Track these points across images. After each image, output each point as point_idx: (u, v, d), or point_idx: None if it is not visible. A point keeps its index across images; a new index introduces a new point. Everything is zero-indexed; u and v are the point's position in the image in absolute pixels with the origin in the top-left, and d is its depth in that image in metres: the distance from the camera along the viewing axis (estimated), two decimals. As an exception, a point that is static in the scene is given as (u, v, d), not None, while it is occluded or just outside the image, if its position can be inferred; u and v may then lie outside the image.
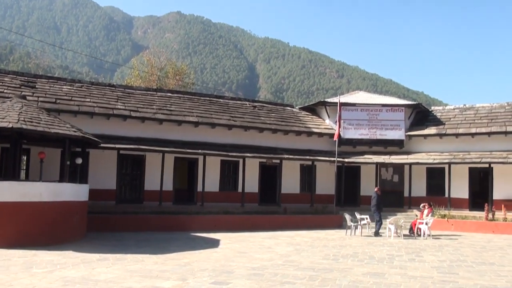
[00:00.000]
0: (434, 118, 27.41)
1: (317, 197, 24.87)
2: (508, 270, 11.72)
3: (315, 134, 25.75)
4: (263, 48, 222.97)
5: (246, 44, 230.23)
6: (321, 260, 12.54)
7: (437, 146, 25.89)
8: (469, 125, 25.57)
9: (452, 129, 25.67)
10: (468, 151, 25.08)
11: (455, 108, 28.54)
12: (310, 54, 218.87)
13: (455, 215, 22.65)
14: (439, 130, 25.87)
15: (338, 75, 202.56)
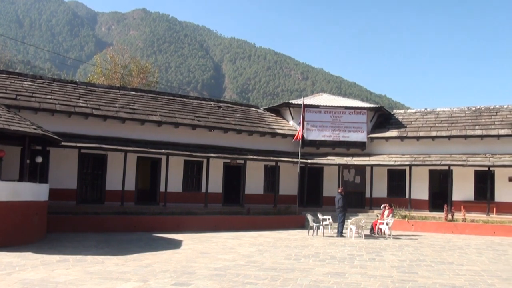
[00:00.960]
0: (395, 121, 28.00)
1: (280, 198, 25.05)
2: (467, 269, 12.06)
3: (279, 135, 25.92)
4: (229, 48, 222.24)
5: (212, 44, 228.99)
6: (283, 260, 12.64)
7: (399, 149, 26.45)
8: (429, 129, 26.23)
9: (413, 132, 26.29)
10: (428, 153, 25.70)
11: (416, 112, 29.23)
12: (276, 55, 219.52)
13: (415, 216, 23.15)
14: (401, 133, 26.45)
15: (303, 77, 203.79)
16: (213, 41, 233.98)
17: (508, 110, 26.68)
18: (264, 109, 29.88)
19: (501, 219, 22.34)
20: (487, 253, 15.38)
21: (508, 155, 24.00)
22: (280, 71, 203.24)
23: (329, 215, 20.86)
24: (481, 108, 27.65)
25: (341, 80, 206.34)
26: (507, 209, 23.81)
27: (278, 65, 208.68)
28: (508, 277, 11.06)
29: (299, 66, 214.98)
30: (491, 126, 25.24)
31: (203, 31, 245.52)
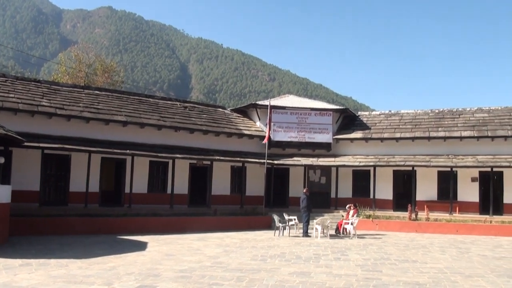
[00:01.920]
0: (360, 122, 28.40)
1: (247, 199, 25.07)
2: (430, 267, 12.30)
3: (246, 136, 25.95)
4: (196, 48, 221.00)
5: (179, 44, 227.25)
6: (249, 261, 12.65)
7: (363, 150, 26.84)
8: (394, 130, 26.72)
9: (378, 133, 26.73)
10: (392, 154, 26.17)
11: (381, 114, 29.74)
12: (243, 56, 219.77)
13: (379, 215, 23.51)
14: (365, 134, 26.84)
15: (270, 79, 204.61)
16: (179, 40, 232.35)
17: (470, 113, 27.43)
18: (231, 110, 29.85)
19: (464, 218, 22.93)
20: (450, 251, 15.73)
21: (471, 156, 24.68)
22: (248, 72, 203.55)
23: (295, 215, 20.97)
24: (445, 110, 28.36)
25: (308, 82, 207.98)
26: (470, 208, 24.52)
27: (246, 66, 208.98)
28: (470, 274, 11.33)
29: (266, 68, 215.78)
30: (454, 128, 25.90)
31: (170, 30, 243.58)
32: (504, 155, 24.38)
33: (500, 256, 14.85)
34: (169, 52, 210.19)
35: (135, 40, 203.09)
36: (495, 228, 21.50)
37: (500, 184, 24.79)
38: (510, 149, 24.51)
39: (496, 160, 24.00)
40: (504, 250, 16.30)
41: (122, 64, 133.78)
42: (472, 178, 25.17)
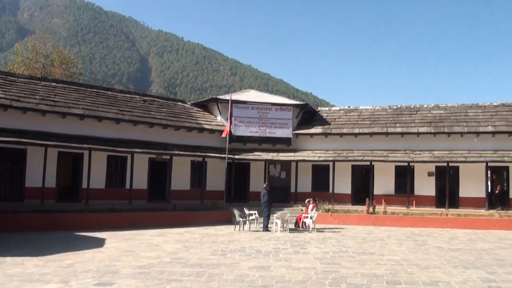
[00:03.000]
0: (320, 118, 28.68)
1: (207, 193, 24.95)
2: (388, 259, 12.56)
3: (206, 130, 25.80)
4: (157, 41, 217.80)
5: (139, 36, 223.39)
6: (209, 256, 12.59)
7: (323, 145, 27.12)
8: (353, 126, 27.11)
9: (337, 129, 27.05)
10: (351, 149, 26.56)
11: (340, 110, 30.11)
12: (205, 50, 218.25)
13: (338, 209, 23.80)
14: (325, 130, 27.11)
15: (231, 73, 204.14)
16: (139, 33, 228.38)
17: (427, 110, 28.13)
18: (192, 104, 29.58)
19: (421, 211, 23.53)
20: (407, 244, 16.07)
21: (427, 152, 25.31)
22: (209, 66, 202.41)
23: (256, 210, 21.00)
24: (402, 107, 28.98)
25: (269, 77, 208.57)
26: (426, 202, 25.18)
27: (207, 60, 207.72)
28: (427, 266, 11.60)
29: (227, 62, 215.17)
30: (411, 124, 26.49)
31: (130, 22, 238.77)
32: (459, 150, 25.13)
33: (456, 247, 15.26)
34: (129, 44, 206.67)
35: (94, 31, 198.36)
36: (451, 221, 22.11)
37: (456, 178, 25.54)
38: (465, 144, 25.27)
39: (452, 156, 24.68)
40: (459, 242, 16.77)
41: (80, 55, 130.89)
42: (428, 172, 25.84)
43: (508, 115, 26.32)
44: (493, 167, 24.72)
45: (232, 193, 25.29)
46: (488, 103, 28.16)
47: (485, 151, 24.75)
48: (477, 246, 15.68)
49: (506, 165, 24.63)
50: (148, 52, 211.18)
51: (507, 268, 11.51)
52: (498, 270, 11.19)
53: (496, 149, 24.84)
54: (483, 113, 26.99)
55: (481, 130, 25.10)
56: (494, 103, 28.05)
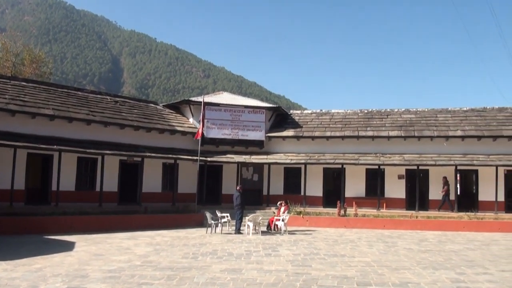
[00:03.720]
0: (292, 121, 28.83)
1: (179, 196, 24.78)
2: (358, 261, 12.68)
3: (178, 132, 25.63)
4: (129, 41, 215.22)
5: (111, 36, 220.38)
6: (180, 259, 12.51)
7: (295, 147, 27.27)
8: (324, 129, 27.33)
9: (309, 132, 27.22)
10: (323, 152, 26.78)
11: (312, 113, 30.33)
12: (178, 51, 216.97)
13: (310, 212, 23.91)
14: (297, 133, 27.25)
15: (204, 75, 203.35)
16: (112, 32, 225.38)
17: (398, 114, 28.59)
18: (164, 105, 29.32)
19: (391, 214, 23.84)
20: (377, 245, 16.25)
21: (397, 155, 25.72)
22: (182, 68, 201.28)
23: (228, 212, 20.94)
24: (373, 111, 29.38)
25: (242, 79, 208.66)
26: (396, 204, 25.55)
27: (180, 61, 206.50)
28: (397, 267, 11.76)
29: (200, 64, 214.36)
30: (382, 128, 26.85)
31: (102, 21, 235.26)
32: (429, 154, 25.62)
33: (425, 249, 15.51)
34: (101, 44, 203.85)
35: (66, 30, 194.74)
36: (421, 223, 22.43)
37: (425, 181, 25.99)
38: (435, 148, 25.80)
39: (422, 159, 25.11)
40: (429, 244, 17.03)
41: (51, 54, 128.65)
42: (399, 175, 26.21)
43: (477, 120, 26.95)
44: (462, 170, 25.21)
45: (204, 196, 25.13)
46: (458, 108, 28.76)
47: (455, 155, 25.28)
48: (447, 248, 15.95)
49: (475, 168, 25.17)
50: (120, 52, 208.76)
51: (475, 268, 11.75)
52: (467, 270, 11.42)
53: (465, 153, 25.41)
54: (453, 117, 27.55)
55: (451, 134, 25.61)
56: (463, 108, 28.66)
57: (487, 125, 26.18)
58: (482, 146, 25.44)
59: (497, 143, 25.32)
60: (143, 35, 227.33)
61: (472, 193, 26.12)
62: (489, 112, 28.06)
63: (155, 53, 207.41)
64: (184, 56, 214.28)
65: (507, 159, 24.38)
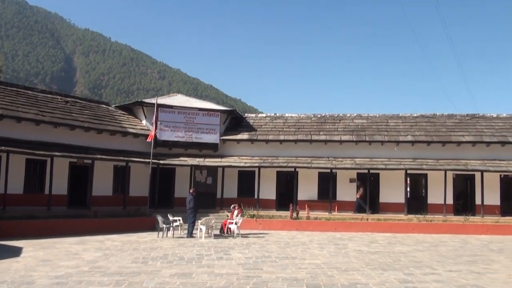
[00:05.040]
0: (247, 124, 28.93)
1: (130, 199, 24.39)
2: (309, 263, 12.83)
3: (130, 134, 25.23)
4: (83, 40, 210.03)
5: (64, 34, 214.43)
6: (130, 264, 12.31)
7: (249, 151, 27.36)
8: (278, 133, 27.54)
9: (263, 135, 27.38)
10: (276, 156, 26.98)
11: (266, 116, 30.55)
12: (133, 52, 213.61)
13: (263, 215, 23.98)
14: (251, 136, 27.35)
15: (159, 77, 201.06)
16: (65, 30, 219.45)
17: (350, 119, 29.17)
18: (116, 106, 28.76)
19: (342, 216, 24.21)
20: (328, 247, 16.50)
21: (349, 159, 26.20)
22: (136, 69, 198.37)
23: (181, 216, 20.77)
24: (326, 115, 29.86)
25: (198, 82, 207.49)
26: (347, 207, 26.03)
27: (135, 62, 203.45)
28: (346, 269, 11.97)
29: (156, 65, 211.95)
30: (335, 132, 27.31)
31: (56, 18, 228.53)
32: (380, 158, 26.27)
33: (375, 251, 15.86)
34: (54, 42, 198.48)
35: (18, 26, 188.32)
36: (371, 225, 22.90)
37: (376, 184, 26.65)
38: (385, 153, 26.51)
39: (373, 163, 25.65)
40: (379, 245, 17.43)
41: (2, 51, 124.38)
42: (350, 179, 26.72)
43: (427, 125, 27.84)
44: (412, 174, 25.94)
45: (156, 199, 24.83)
46: (408, 114, 29.61)
47: (405, 159, 26.00)
48: (396, 249, 16.36)
49: (424, 172, 25.97)
50: (74, 51, 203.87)
51: (423, 269, 12.12)
52: (415, 271, 11.77)
53: (415, 157, 26.18)
54: (403, 123, 28.33)
55: (401, 139, 26.32)
56: (414, 114, 29.54)
57: (437, 131, 27.07)
58: (432, 151, 26.30)
59: (446, 148, 26.21)
60: (97, 34, 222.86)
61: (422, 196, 26.97)
62: (439, 118, 29.04)
63: (109, 52, 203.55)
64: (139, 57, 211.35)
65: (455, 164, 25.29)
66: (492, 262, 13.73)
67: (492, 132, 26.73)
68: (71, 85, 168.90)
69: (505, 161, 25.55)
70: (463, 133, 26.62)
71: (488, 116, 29.15)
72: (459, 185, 26.79)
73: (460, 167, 25.00)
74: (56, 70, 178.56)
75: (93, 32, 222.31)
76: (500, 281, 10.77)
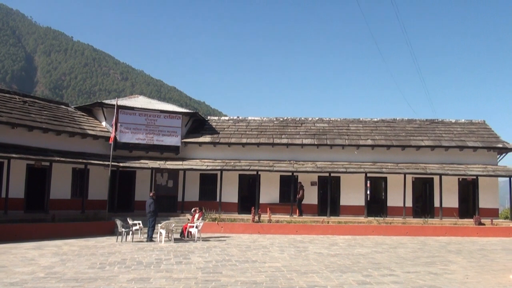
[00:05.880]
0: (210, 127, 28.82)
1: (89, 203, 23.96)
2: (269, 266, 12.90)
3: (90, 136, 24.74)
4: (44, 38, 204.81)
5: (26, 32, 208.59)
6: (87, 270, 12.09)
7: (211, 154, 27.28)
8: (241, 136, 27.55)
9: (226, 138, 27.33)
10: (239, 159, 26.98)
11: (229, 119, 30.50)
12: (95, 52, 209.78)
13: (224, 218, 23.88)
14: (214, 139, 27.26)
15: (122, 78, 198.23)
16: (26, 28, 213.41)
17: (312, 122, 29.45)
18: (75, 107, 28.05)
19: (303, 219, 24.39)
20: (288, 250, 16.60)
21: (310, 162, 26.44)
22: (99, 69, 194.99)
23: (140, 220, 20.53)
24: (288, 119, 30.04)
25: (162, 84, 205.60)
26: (309, 210, 26.33)
27: (97, 62, 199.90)
28: (306, 271, 12.08)
29: (119, 66, 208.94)
30: (296, 136, 27.51)
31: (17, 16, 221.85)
32: (341, 161, 26.62)
33: (335, 253, 16.06)
34: (14, 40, 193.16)
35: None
36: (332, 228, 23.12)
37: (337, 187, 26.98)
38: (346, 156, 26.92)
39: (334, 166, 25.93)
40: (339, 248, 17.65)
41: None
42: (311, 182, 26.94)
43: (387, 130, 28.39)
44: (372, 178, 26.39)
45: (116, 203, 24.42)
46: (369, 119, 30.12)
47: (365, 163, 26.41)
48: (355, 251, 16.61)
49: (384, 175, 26.44)
50: (35, 50, 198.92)
51: (382, 270, 12.35)
52: (373, 273, 11.99)
53: (375, 161, 26.64)
54: (364, 127, 28.79)
55: (362, 143, 26.72)
56: (374, 119, 30.06)
57: (396, 135, 27.62)
58: (391, 155, 26.84)
59: (405, 152, 26.80)
60: (59, 32, 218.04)
61: (381, 199, 27.45)
62: (399, 123, 29.64)
63: (71, 52, 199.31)
64: (101, 57, 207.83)
65: (414, 167, 25.83)
66: (449, 263, 14.11)
67: (450, 137, 27.48)
68: (31, 85, 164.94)
69: (463, 165, 26.32)
70: (422, 138, 27.26)
71: (447, 121, 29.95)
72: (418, 188, 27.39)
73: (419, 171, 25.57)
74: (16, 69, 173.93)
75: (55, 31, 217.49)
76: (457, 281, 11.07)
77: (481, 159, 26.89)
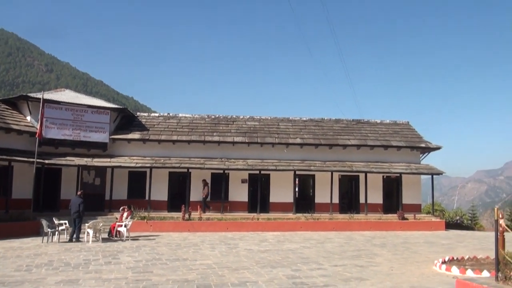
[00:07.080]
0: (139, 123, 28.37)
1: (13, 202, 22.85)
2: (200, 264, 12.97)
3: (14, 131, 23.55)
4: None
5: None
6: (13, 273, 11.64)
7: (141, 151, 26.88)
8: (171, 133, 27.35)
9: (156, 135, 27.02)
10: (169, 156, 26.77)
11: (159, 116, 30.16)
12: (19, 41, 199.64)
13: (154, 217, 23.64)
14: (143, 136, 26.88)
15: (47, 69, 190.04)
16: None
17: (243, 121, 29.75)
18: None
19: (234, 216, 24.64)
20: (219, 248, 16.77)
21: (241, 160, 26.74)
22: (23, 60, 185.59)
23: (67, 219, 19.87)
24: (220, 117, 30.16)
25: (88, 77, 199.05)
26: (240, 207, 26.66)
27: (21, 52, 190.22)
28: (237, 267, 12.28)
29: (44, 57, 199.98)
30: (228, 133, 27.69)
31: None
32: (271, 159, 27.10)
33: (265, 249, 16.39)
34: None
35: None
36: (262, 225, 23.53)
37: (267, 185, 27.44)
38: (276, 154, 27.47)
39: (264, 164, 26.35)
40: (268, 244, 18.03)
41: None
42: (242, 179, 27.22)
43: (315, 129, 29.18)
44: (300, 175, 27.02)
45: (41, 202, 23.50)
46: (298, 118, 30.82)
47: (294, 161, 27.04)
48: (284, 247, 17.03)
49: (312, 173, 27.18)
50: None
51: (310, 265, 12.79)
52: (302, 267, 12.40)
53: (304, 159, 27.32)
54: (293, 126, 29.44)
55: (291, 141, 27.33)
56: (303, 118, 30.80)
57: (324, 134, 28.46)
58: (319, 153, 27.63)
59: (332, 151, 27.69)
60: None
61: (309, 195, 28.17)
62: (327, 122, 30.54)
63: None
64: (26, 47, 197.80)
65: (341, 165, 26.75)
66: (375, 256, 14.82)
67: (375, 136, 28.67)
68: None
69: (387, 163, 27.56)
70: (349, 137, 28.25)
71: (372, 122, 31.22)
72: (344, 185, 28.37)
73: (345, 169, 26.48)
74: None
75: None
76: (383, 273, 11.66)
77: (405, 157, 28.28)
